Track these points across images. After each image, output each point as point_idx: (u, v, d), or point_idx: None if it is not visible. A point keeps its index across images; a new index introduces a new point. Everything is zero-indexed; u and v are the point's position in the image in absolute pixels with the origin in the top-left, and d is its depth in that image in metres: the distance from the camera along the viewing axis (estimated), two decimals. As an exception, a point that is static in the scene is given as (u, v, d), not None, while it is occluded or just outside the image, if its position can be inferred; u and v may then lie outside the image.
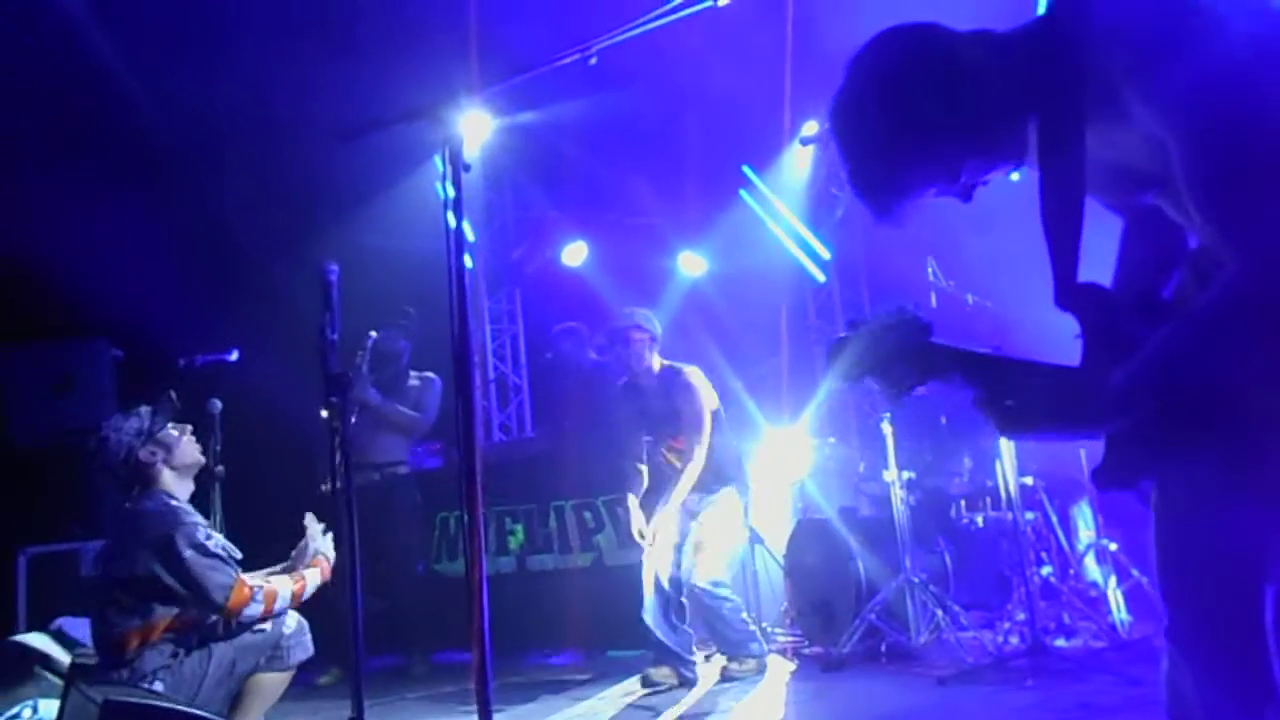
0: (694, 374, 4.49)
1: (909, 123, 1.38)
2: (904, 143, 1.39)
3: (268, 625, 3.04)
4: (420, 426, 5.62)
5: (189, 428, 3.23)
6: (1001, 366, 1.39)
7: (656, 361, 4.55)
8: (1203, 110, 1.21)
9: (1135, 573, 4.43)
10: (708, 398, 4.47)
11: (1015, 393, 1.36)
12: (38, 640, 4.06)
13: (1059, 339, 1.48)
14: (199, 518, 3.08)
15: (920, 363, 1.38)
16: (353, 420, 5.41)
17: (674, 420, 4.48)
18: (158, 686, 2.81)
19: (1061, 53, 1.33)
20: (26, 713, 3.83)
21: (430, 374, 5.67)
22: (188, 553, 2.89)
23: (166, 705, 2.46)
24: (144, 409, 3.14)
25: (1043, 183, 1.38)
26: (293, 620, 3.10)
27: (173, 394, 3.18)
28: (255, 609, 2.97)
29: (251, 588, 2.98)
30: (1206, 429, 1.28)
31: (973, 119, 1.37)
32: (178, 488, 3.13)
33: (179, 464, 3.14)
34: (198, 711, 2.63)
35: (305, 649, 3.09)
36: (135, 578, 2.88)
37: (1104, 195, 1.48)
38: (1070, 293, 1.38)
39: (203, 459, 3.27)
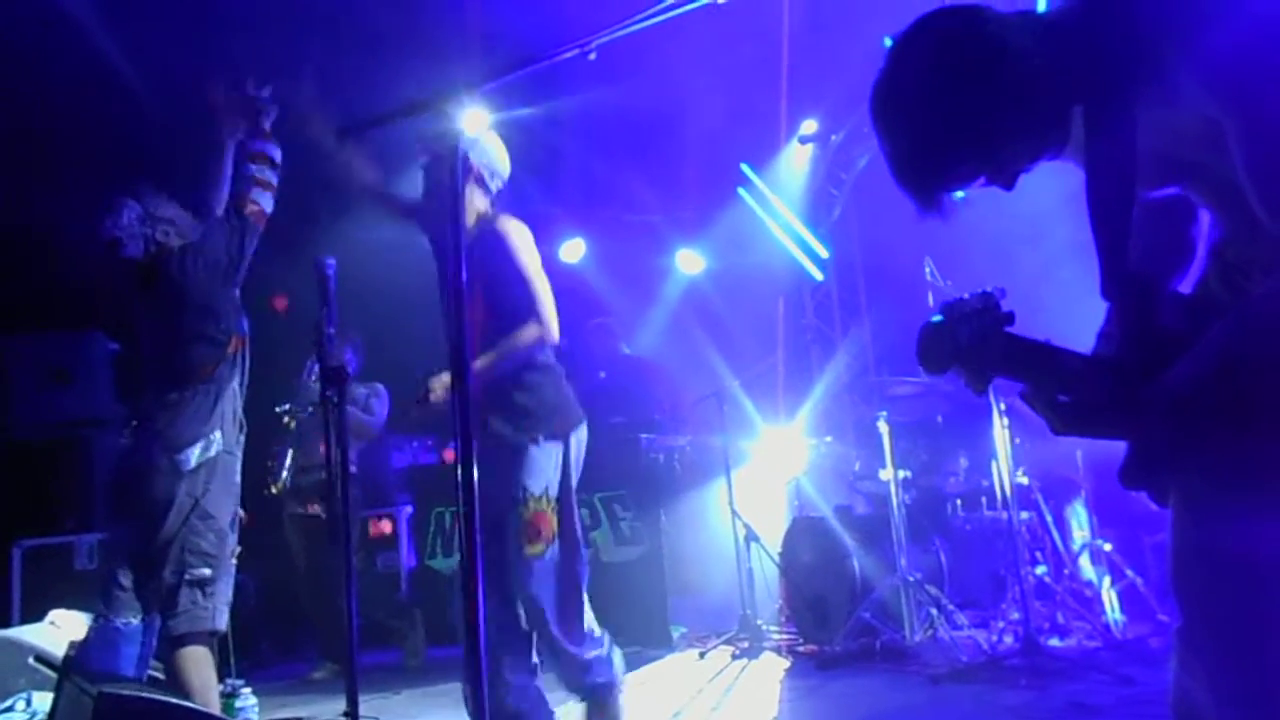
0: (510, 223, 3.01)
1: (959, 109, 1.32)
2: (954, 130, 1.33)
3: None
4: (369, 430, 5.65)
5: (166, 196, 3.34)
6: (1065, 361, 1.32)
7: (478, 206, 3.06)
8: (1263, 87, 1.16)
9: (1130, 573, 4.44)
10: (529, 247, 2.96)
11: (1075, 391, 1.30)
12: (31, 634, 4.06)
13: (1064, 336, 1.46)
14: None
15: (999, 353, 1.30)
16: (305, 417, 5.41)
17: (471, 279, 2.60)
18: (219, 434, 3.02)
19: (1109, 33, 1.28)
20: (20, 705, 3.82)
21: (379, 385, 5.71)
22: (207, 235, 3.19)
23: (160, 698, 2.46)
24: (125, 198, 3.22)
25: (1091, 168, 1.33)
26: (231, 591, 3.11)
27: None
28: (265, 200, 3.31)
29: (250, 200, 3.27)
30: (1249, 428, 1.23)
31: (1023, 104, 1.32)
32: None
33: (186, 230, 3.25)
34: (192, 705, 2.63)
35: (224, 619, 3.05)
36: (196, 296, 3.12)
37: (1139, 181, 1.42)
38: (1117, 283, 1.33)
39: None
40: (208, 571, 2.98)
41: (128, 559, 3.03)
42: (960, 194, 1.45)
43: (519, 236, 2.94)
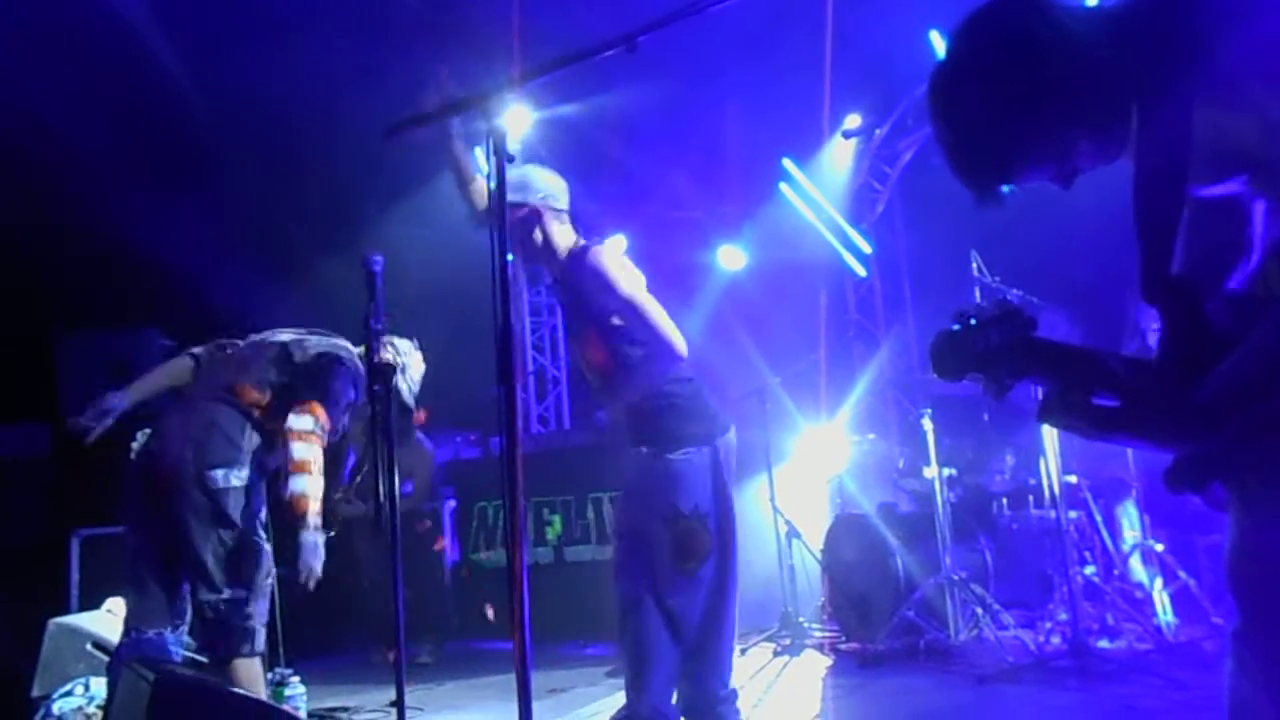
0: (600, 251, 2.85)
1: (1022, 99, 1.30)
2: (1016, 120, 1.31)
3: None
4: (415, 503, 5.83)
5: None
6: (1104, 364, 1.30)
7: (566, 239, 2.91)
8: None
9: (1183, 575, 4.34)
10: (623, 271, 2.80)
11: (1116, 395, 1.28)
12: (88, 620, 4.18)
13: (1108, 334, 1.43)
14: None
15: (1023, 359, 1.29)
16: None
17: (581, 318, 2.86)
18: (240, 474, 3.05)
19: (1165, 27, 1.26)
20: (79, 690, 3.94)
21: (426, 441, 5.84)
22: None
23: (216, 685, 2.51)
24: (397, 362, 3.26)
25: (1140, 167, 1.31)
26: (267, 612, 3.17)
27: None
28: (296, 483, 3.10)
29: (314, 421, 3.11)
30: None
31: (1085, 96, 1.30)
32: None
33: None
34: (246, 692, 2.68)
35: (263, 640, 3.09)
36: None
37: (1190, 179, 1.38)
38: (1161, 286, 1.30)
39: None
40: (243, 593, 2.98)
41: (157, 568, 3.05)
42: (1008, 186, 1.43)
43: (611, 262, 2.79)
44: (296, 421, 3.11)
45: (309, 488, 3.11)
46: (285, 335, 3.32)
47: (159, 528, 3.04)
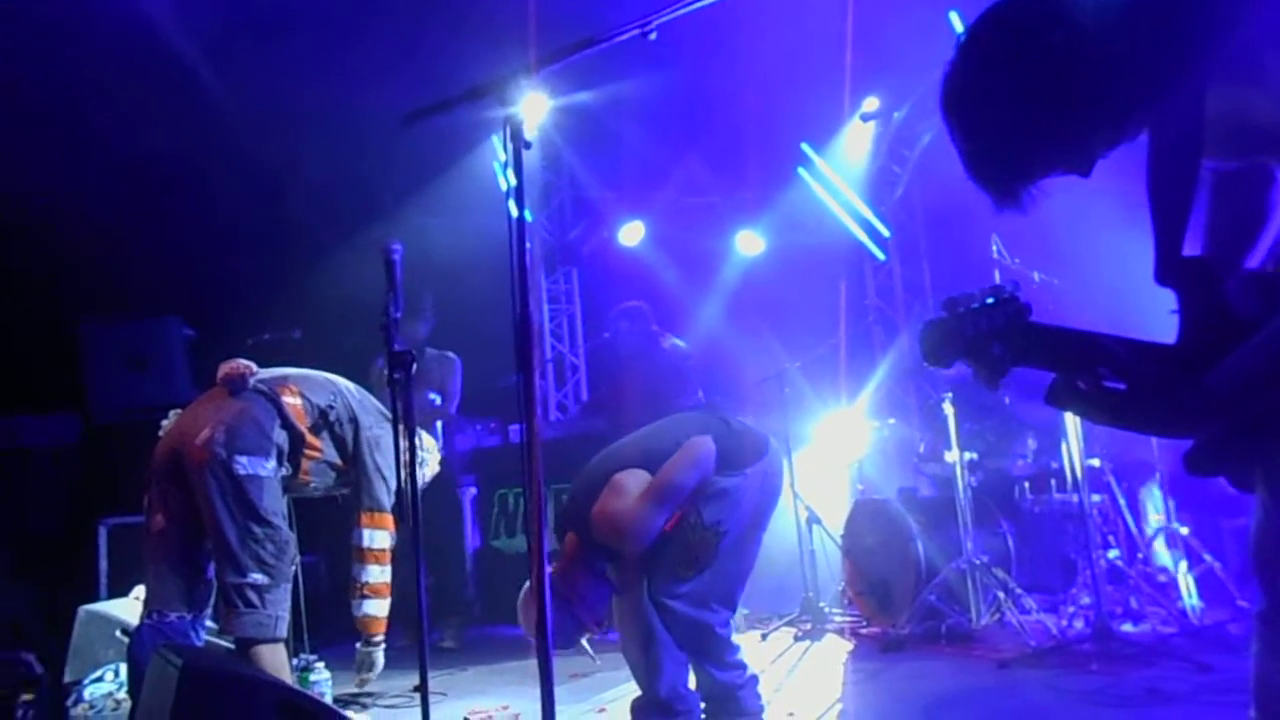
0: (596, 531, 2.90)
1: (1040, 106, 1.27)
2: (1034, 127, 1.28)
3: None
4: (445, 413, 5.65)
5: None
6: (1108, 347, 1.28)
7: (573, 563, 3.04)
8: None
9: (1208, 558, 4.30)
10: (616, 525, 2.87)
11: (1123, 378, 1.26)
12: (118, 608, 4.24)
13: (1133, 316, 1.42)
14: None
15: (1019, 344, 1.28)
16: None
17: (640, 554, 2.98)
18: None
19: (1186, 10, 1.25)
20: (109, 676, 4.00)
21: (450, 353, 5.65)
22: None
23: (242, 670, 2.55)
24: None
25: (1154, 148, 1.29)
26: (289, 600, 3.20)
27: None
28: (380, 548, 3.26)
29: (389, 536, 3.26)
30: None
31: (1105, 93, 1.27)
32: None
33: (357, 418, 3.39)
34: (271, 677, 2.71)
35: (285, 628, 3.13)
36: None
37: (1208, 156, 1.36)
38: (1173, 267, 1.28)
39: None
40: (264, 579, 2.99)
41: (180, 550, 3.08)
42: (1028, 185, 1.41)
43: (609, 532, 2.88)
44: (372, 539, 3.23)
45: (380, 611, 3.30)
46: (343, 386, 3.41)
47: (185, 507, 3.06)
